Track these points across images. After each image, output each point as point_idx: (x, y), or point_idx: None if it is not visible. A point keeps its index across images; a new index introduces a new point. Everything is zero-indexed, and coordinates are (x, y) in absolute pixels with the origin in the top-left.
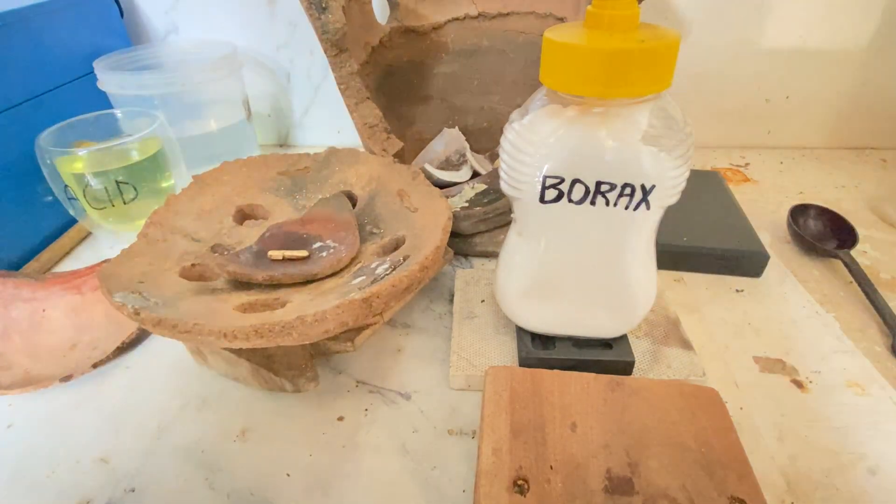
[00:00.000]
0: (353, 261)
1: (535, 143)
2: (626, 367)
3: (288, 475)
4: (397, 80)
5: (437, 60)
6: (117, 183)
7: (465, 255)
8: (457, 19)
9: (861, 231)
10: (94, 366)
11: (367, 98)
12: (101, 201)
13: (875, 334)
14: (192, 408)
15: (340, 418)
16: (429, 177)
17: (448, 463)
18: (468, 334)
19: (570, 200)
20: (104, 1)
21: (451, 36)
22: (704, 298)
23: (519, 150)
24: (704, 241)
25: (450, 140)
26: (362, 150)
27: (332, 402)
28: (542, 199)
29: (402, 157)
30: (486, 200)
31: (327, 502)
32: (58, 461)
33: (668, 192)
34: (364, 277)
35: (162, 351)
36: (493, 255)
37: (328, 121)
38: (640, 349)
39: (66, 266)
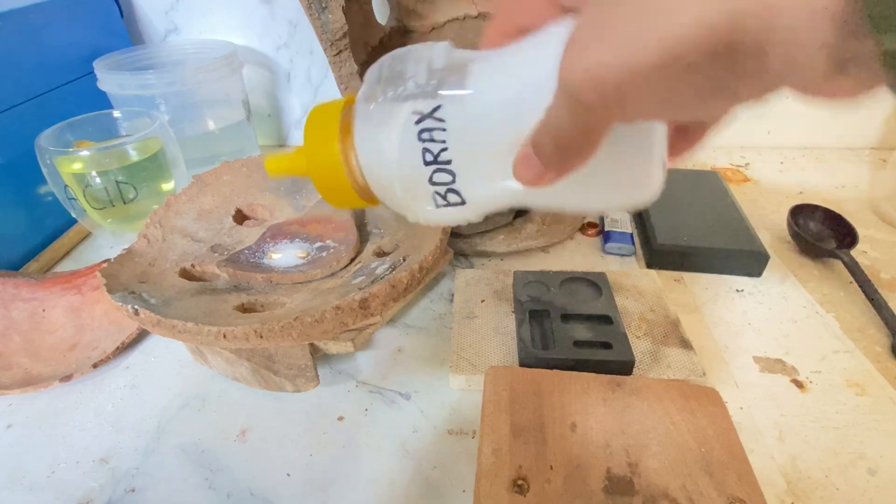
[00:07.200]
0: (352, 261)
1: None
2: (626, 367)
3: (288, 475)
4: None
5: None
6: (117, 183)
7: (465, 255)
8: (457, 19)
9: (861, 231)
10: (94, 366)
11: None
12: (101, 201)
13: (875, 334)
14: (192, 408)
15: (340, 418)
16: None
17: (448, 463)
18: (468, 334)
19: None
20: (104, 1)
21: (450, 36)
22: (704, 298)
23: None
24: (704, 241)
25: None
26: None
27: (332, 402)
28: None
29: None
30: None
31: (327, 502)
32: (58, 461)
33: None
34: (364, 277)
35: (162, 351)
36: (493, 255)
37: None
38: (640, 349)
39: (66, 266)
